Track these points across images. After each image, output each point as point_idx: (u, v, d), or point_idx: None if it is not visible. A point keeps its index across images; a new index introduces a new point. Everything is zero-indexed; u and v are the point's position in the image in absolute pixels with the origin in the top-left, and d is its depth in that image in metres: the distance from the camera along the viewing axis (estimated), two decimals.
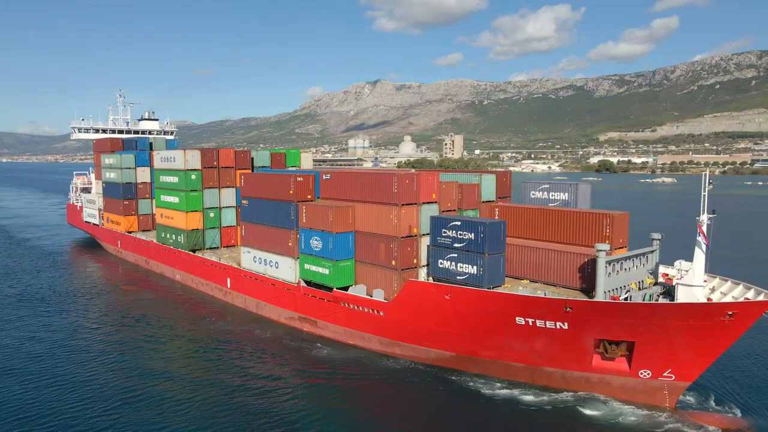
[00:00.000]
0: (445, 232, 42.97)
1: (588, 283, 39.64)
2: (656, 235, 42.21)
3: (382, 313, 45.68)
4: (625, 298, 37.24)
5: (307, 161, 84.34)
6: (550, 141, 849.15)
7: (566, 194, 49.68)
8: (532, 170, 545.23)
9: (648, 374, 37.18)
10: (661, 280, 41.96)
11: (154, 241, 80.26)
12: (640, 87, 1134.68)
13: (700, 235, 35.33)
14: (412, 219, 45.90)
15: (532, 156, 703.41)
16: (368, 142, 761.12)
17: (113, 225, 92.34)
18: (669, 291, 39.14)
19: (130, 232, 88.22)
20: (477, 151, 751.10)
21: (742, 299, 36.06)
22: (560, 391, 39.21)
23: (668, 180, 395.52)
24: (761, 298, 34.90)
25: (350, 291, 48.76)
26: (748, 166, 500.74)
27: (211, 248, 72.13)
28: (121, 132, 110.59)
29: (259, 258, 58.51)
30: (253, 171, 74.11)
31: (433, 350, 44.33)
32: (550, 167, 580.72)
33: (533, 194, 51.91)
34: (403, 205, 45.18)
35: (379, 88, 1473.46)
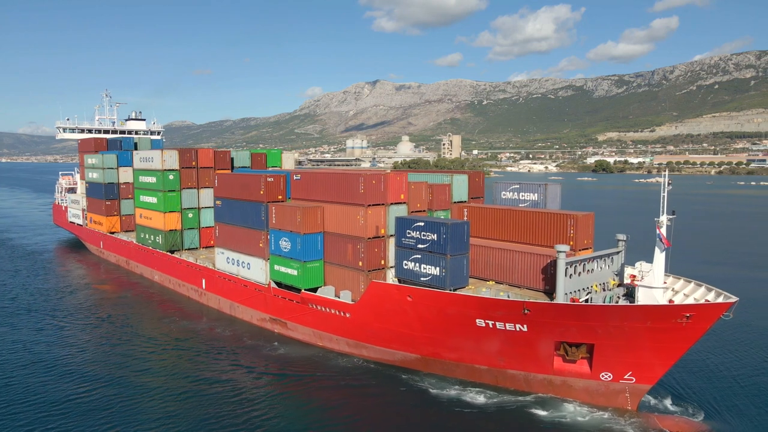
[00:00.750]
0: (409, 233, 42.51)
1: (551, 285, 39.17)
2: (621, 236, 41.78)
3: (348, 315, 45.24)
4: (586, 300, 36.80)
5: (288, 161, 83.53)
6: (549, 141, 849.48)
7: (536, 195, 49.25)
8: (529, 170, 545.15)
9: (609, 377, 36.73)
10: (627, 281, 41.48)
11: (134, 242, 79.88)
12: (639, 87, 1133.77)
13: (659, 236, 34.90)
14: (379, 220, 45.41)
15: (530, 156, 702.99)
16: (366, 142, 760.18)
17: (96, 225, 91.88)
18: (631, 293, 38.69)
19: (112, 233, 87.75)
20: (475, 152, 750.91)
21: (703, 301, 35.62)
22: (521, 394, 38.76)
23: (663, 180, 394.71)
24: (720, 300, 34.49)
25: (319, 292, 48.28)
26: (743, 166, 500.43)
27: (189, 249, 71.67)
28: (107, 132, 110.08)
29: (232, 259, 58.09)
30: (233, 171, 73.61)
31: (398, 352, 43.88)
32: (547, 167, 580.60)
33: (504, 195, 51.48)
34: (369, 205, 44.68)
35: (379, 89, 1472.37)
